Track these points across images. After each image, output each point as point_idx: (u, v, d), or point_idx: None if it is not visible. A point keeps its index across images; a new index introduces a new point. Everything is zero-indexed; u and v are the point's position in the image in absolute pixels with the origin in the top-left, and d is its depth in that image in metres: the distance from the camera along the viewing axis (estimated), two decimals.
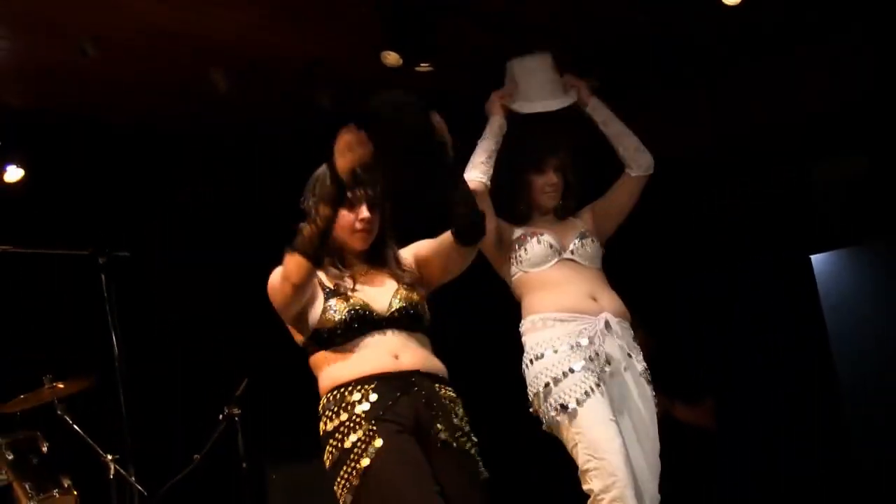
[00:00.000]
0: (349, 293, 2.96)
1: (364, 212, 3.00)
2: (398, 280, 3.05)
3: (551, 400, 3.31)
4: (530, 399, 3.39)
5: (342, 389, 2.89)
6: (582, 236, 3.63)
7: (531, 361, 3.39)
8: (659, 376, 5.10)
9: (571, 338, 3.38)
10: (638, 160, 3.63)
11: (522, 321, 3.50)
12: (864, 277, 6.65)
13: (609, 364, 3.39)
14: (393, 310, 2.97)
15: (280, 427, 5.05)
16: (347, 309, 2.93)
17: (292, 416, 3.04)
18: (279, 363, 4.11)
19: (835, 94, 5.59)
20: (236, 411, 4.89)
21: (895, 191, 5.74)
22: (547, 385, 3.31)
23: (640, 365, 3.47)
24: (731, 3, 4.73)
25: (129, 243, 4.52)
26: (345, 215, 2.99)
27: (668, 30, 5.29)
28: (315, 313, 2.92)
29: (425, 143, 2.77)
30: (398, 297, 3.00)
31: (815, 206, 6.01)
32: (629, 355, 3.44)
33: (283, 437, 5.07)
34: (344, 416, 2.85)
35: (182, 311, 5.84)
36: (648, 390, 3.45)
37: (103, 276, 4.35)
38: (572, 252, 3.56)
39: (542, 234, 3.57)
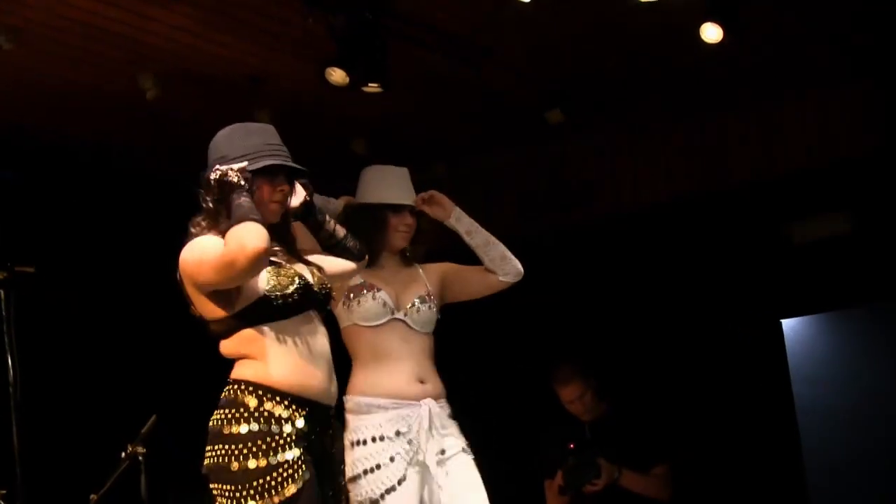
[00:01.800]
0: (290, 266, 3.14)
1: (283, 185, 3.17)
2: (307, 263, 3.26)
3: (364, 489, 3.59)
4: (345, 480, 3.54)
5: (267, 395, 2.99)
6: (421, 300, 3.88)
7: (352, 445, 3.66)
8: (607, 440, 5.40)
9: (392, 425, 3.67)
10: (505, 268, 3.91)
11: (348, 397, 3.73)
12: (839, 346, 6.83)
13: (422, 456, 3.69)
14: (322, 289, 3.18)
15: (187, 470, 5.11)
16: (295, 280, 3.09)
17: (201, 460, 3.15)
18: (192, 400, 4.17)
19: (821, 149, 5.84)
20: (141, 450, 4.93)
21: (877, 253, 5.87)
22: (364, 472, 3.60)
23: (460, 444, 3.76)
24: (712, 41, 4.87)
25: (36, 258, 4.55)
26: (265, 189, 3.14)
27: (643, 73, 5.54)
28: (257, 283, 3.01)
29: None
30: (315, 277, 3.21)
31: (789, 267, 6.12)
32: (441, 451, 3.72)
33: (190, 481, 5.13)
34: (274, 427, 2.96)
35: (89, 337, 5.83)
36: (472, 469, 3.73)
37: (2, 293, 4.36)
38: (405, 314, 3.81)
39: (378, 291, 3.81)
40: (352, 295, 3.78)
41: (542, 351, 6.09)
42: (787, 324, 6.53)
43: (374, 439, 3.63)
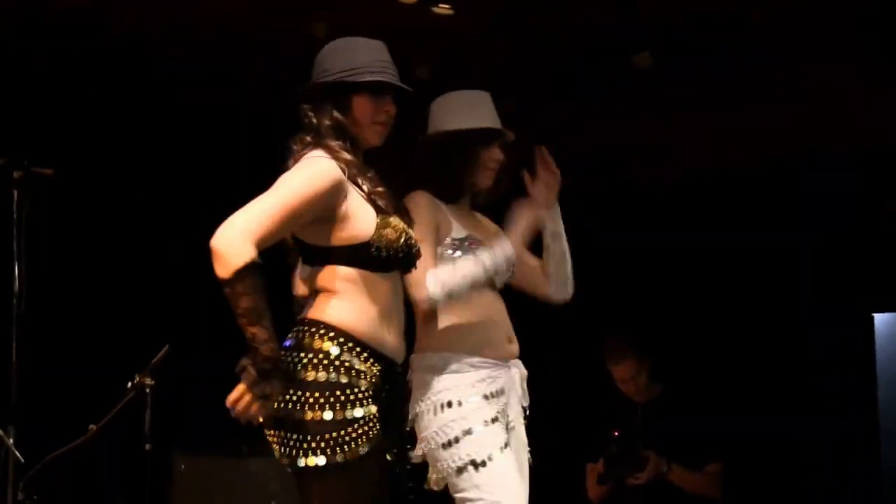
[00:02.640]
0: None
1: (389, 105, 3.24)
2: None
3: (460, 454, 3.52)
4: (428, 447, 3.57)
5: (348, 344, 3.02)
6: None
7: (439, 407, 3.57)
8: (659, 427, 5.39)
9: (486, 385, 3.60)
10: (562, 290, 3.86)
11: (428, 354, 3.63)
12: None
13: (510, 418, 3.67)
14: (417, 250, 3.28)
15: (198, 411, 5.00)
16: (402, 235, 3.17)
17: (216, 402, 2.99)
18: (211, 333, 4.11)
19: None
20: (149, 382, 4.81)
21: None
22: (457, 439, 3.52)
23: (525, 403, 3.75)
24: None
25: (56, 160, 4.44)
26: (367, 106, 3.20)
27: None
28: (364, 224, 3.08)
29: None
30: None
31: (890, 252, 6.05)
32: (522, 408, 3.74)
33: (200, 422, 5.02)
34: (353, 380, 2.99)
35: (106, 254, 5.76)
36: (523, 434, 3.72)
37: (16, 193, 4.26)
38: (496, 273, 3.67)
39: (477, 246, 3.68)
40: (458, 251, 3.65)
41: (597, 321, 6.01)
42: (881, 319, 6.35)
43: (461, 402, 3.55)
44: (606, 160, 6.37)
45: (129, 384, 4.86)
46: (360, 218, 3.10)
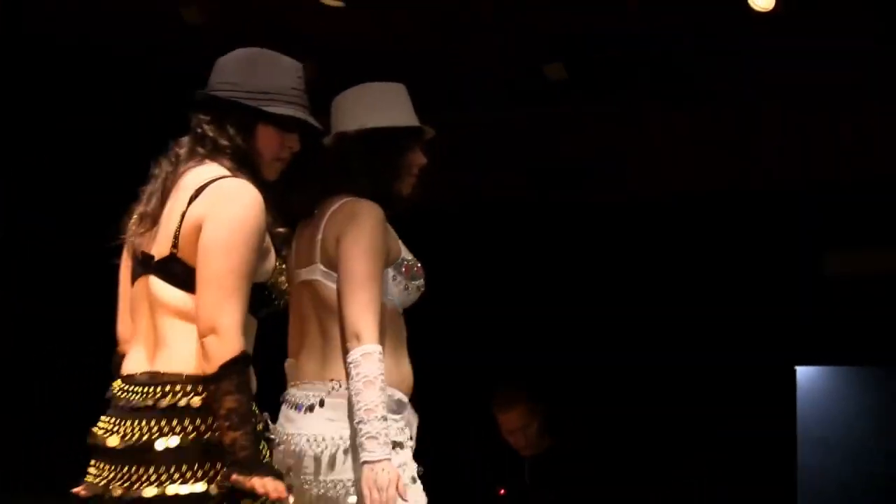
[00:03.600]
0: None
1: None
2: None
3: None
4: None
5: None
6: None
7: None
8: (550, 484, 5.34)
9: (409, 431, 3.47)
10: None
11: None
12: (861, 404, 6.64)
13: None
14: None
15: None
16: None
17: None
18: None
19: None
20: None
21: None
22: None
23: None
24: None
25: None
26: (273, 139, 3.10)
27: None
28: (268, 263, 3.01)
29: None
30: None
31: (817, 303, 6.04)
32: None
33: None
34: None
35: None
36: None
37: None
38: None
39: (422, 274, 3.53)
40: (409, 273, 3.48)
41: (486, 366, 5.90)
42: (803, 372, 6.48)
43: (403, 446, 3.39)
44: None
45: None
46: (268, 257, 2.99)
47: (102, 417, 2.95)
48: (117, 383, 2.95)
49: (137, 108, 5.72)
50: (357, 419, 3.19)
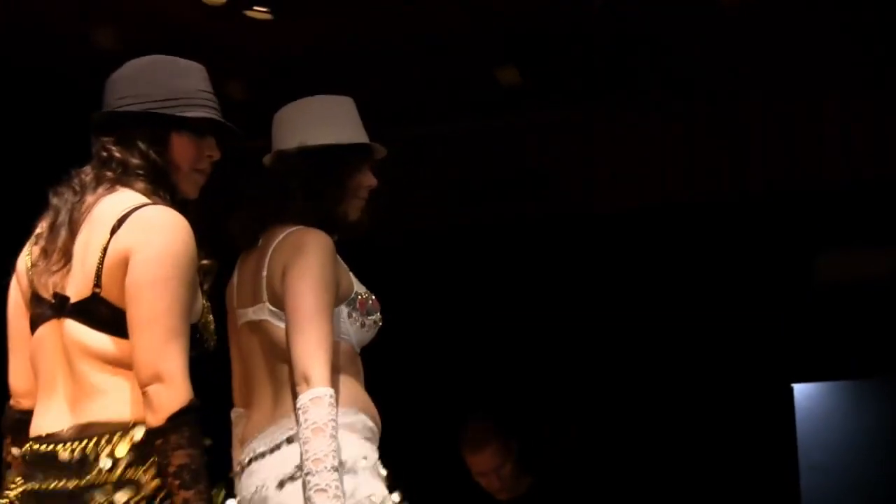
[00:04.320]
0: None
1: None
2: None
3: None
4: None
5: None
6: None
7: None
8: None
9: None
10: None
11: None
12: (861, 420, 6.61)
13: None
14: None
15: None
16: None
17: None
18: None
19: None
20: None
21: None
22: None
23: None
24: None
25: None
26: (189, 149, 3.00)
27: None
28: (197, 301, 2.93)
29: None
30: None
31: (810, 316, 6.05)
32: None
33: None
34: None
35: None
36: None
37: None
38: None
39: (378, 307, 3.45)
40: (364, 308, 3.40)
41: (450, 401, 5.83)
42: (800, 390, 6.45)
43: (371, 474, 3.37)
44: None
45: None
46: (198, 294, 2.89)
47: (10, 481, 2.81)
48: (28, 445, 2.77)
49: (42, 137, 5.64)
50: (305, 470, 3.06)
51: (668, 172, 6.11)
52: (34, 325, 2.85)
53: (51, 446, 2.75)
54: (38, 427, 2.79)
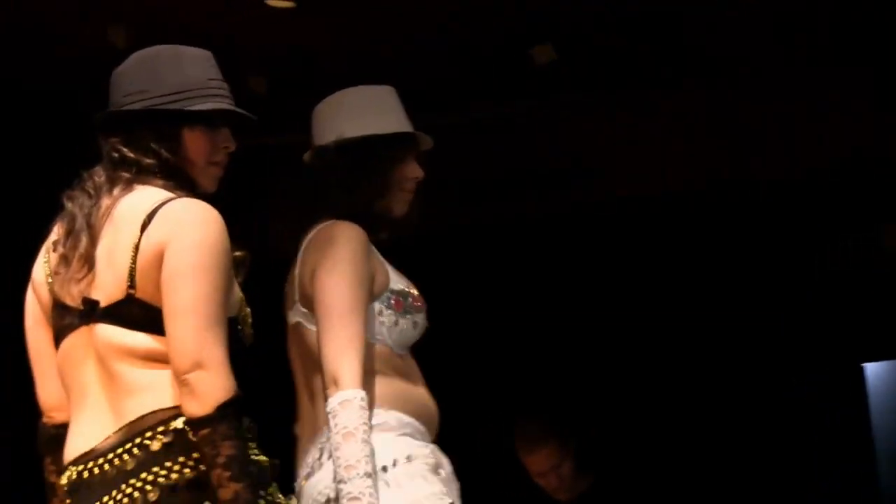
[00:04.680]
0: None
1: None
2: None
3: None
4: None
5: None
6: None
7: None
8: None
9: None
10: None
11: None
12: None
13: None
14: None
15: None
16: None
17: None
18: None
19: None
20: None
21: None
22: None
23: None
24: None
25: None
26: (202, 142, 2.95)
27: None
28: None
29: None
30: None
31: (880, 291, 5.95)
32: None
33: None
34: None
35: None
36: None
37: None
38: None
39: (422, 306, 3.36)
40: (401, 307, 3.33)
41: (504, 401, 5.79)
42: (872, 369, 6.37)
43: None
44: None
45: None
46: (234, 287, 2.87)
47: None
48: (68, 474, 2.77)
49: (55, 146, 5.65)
50: (337, 478, 2.99)
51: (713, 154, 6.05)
52: (60, 337, 2.82)
53: (90, 465, 2.74)
54: (75, 447, 2.77)
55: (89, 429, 2.78)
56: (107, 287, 2.78)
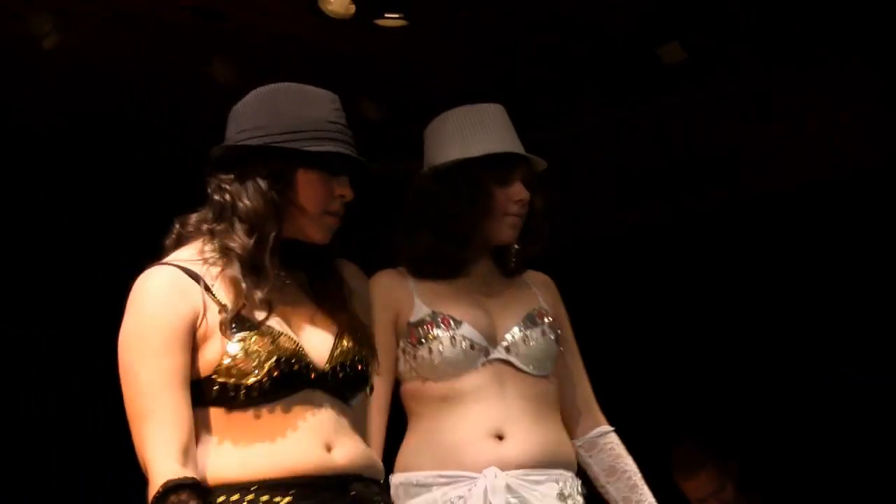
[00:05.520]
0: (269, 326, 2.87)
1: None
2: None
3: None
4: None
5: (234, 496, 2.73)
6: (530, 320, 3.37)
7: None
8: None
9: None
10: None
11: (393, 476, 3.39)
12: None
13: None
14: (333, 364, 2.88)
15: None
16: (271, 360, 2.78)
17: None
18: None
19: None
20: None
21: None
22: None
23: None
24: None
25: None
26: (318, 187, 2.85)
27: None
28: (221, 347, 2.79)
29: None
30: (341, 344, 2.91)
31: None
32: None
33: None
34: None
35: None
36: None
37: None
38: (507, 349, 3.32)
39: (458, 325, 3.31)
40: (415, 337, 3.32)
41: (658, 423, 5.70)
42: None
43: None
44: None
45: None
46: (207, 344, 2.77)
47: None
48: None
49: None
50: None
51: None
52: None
53: None
54: None
55: None
56: None
